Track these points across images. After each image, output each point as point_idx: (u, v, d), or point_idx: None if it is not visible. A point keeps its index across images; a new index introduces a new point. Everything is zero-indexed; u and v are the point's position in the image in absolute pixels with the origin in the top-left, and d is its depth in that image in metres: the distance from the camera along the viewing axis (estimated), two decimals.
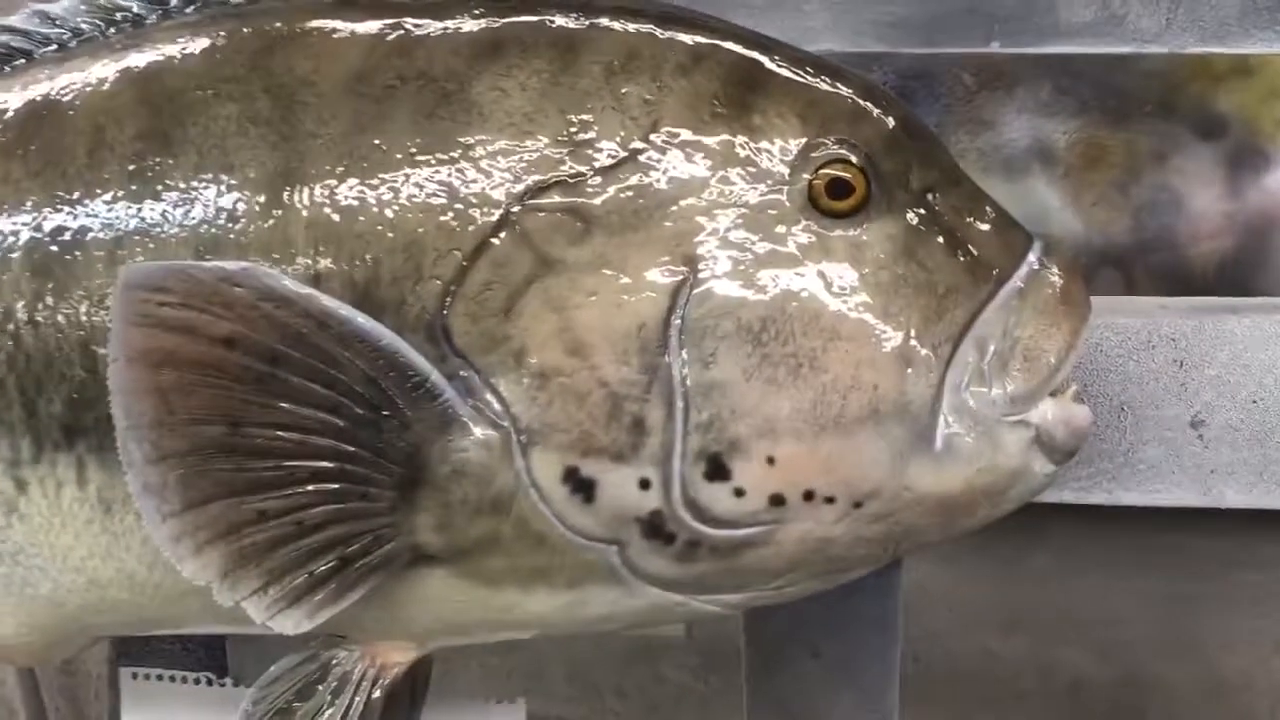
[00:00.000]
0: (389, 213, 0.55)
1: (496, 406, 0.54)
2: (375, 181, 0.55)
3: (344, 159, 0.55)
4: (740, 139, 0.56)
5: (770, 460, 0.54)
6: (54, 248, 0.57)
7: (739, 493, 0.54)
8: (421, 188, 0.55)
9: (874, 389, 0.54)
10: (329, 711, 0.60)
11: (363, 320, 0.52)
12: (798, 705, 0.87)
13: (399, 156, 0.55)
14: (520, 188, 0.54)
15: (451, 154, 0.55)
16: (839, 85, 0.58)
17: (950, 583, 0.96)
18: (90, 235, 0.56)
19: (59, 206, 0.57)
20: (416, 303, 0.54)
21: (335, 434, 0.52)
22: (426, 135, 0.55)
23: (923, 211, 0.57)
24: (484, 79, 0.56)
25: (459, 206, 0.54)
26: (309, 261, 0.54)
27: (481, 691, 1.05)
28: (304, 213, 0.55)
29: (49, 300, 0.56)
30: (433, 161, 0.55)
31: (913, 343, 0.55)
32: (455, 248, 0.54)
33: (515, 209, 0.54)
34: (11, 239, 0.57)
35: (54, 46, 0.62)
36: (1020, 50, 0.73)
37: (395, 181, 0.55)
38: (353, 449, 0.53)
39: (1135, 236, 1.03)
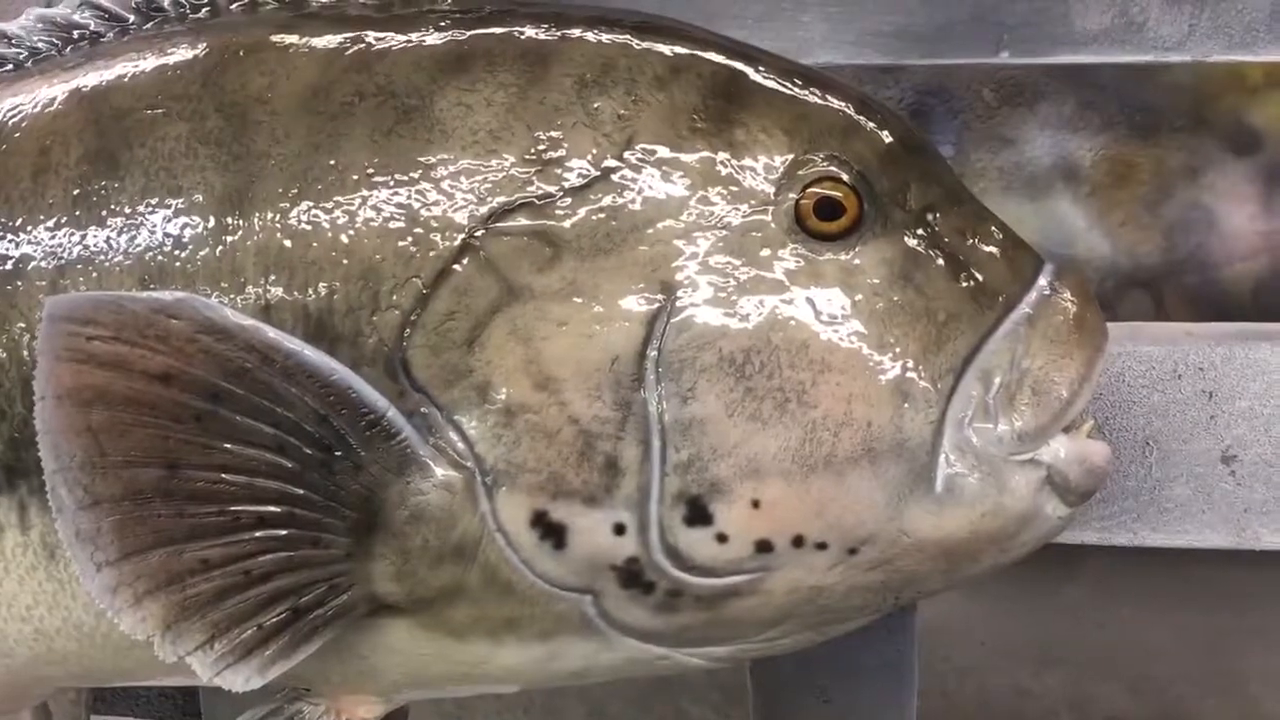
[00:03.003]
0: (344, 238, 0.51)
1: (459, 445, 0.50)
2: (330, 205, 0.51)
3: (297, 181, 0.52)
4: (721, 156, 0.52)
5: (755, 503, 0.50)
6: None
7: (722, 538, 0.50)
8: (379, 211, 0.51)
9: (868, 425, 0.50)
10: None
11: (311, 353, 0.48)
12: None
13: (355, 178, 0.52)
14: (484, 210, 0.51)
15: (411, 174, 0.51)
16: (830, 98, 0.54)
17: (979, 615, 0.92)
18: (32, 264, 0.53)
19: (1, 233, 0.54)
20: (374, 334, 0.50)
21: (283, 476, 0.49)
22: (385, 155, 0.52)
23: (922, 232, 0.53)
24: (447, 94, 0.52)
25: (419, 231, 0.51)
26: (259, 291, 0.51)
27: None
28: (254, 238, 0.51)
29: None
30: (391, 183, 0.51)
31: (910, 375, 0.50)
32: (414, 275, 0.50)
33: (479, 233, 0.51)
34: None
35: (9, 66, 0.60)
36: (1032, 60, 0.68)
37: (351, 204, 0.51)
38: (302, 492, 0.49)
39: (1166, 258, 0.98)
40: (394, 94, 0.53)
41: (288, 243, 0.51)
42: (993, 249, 0.53)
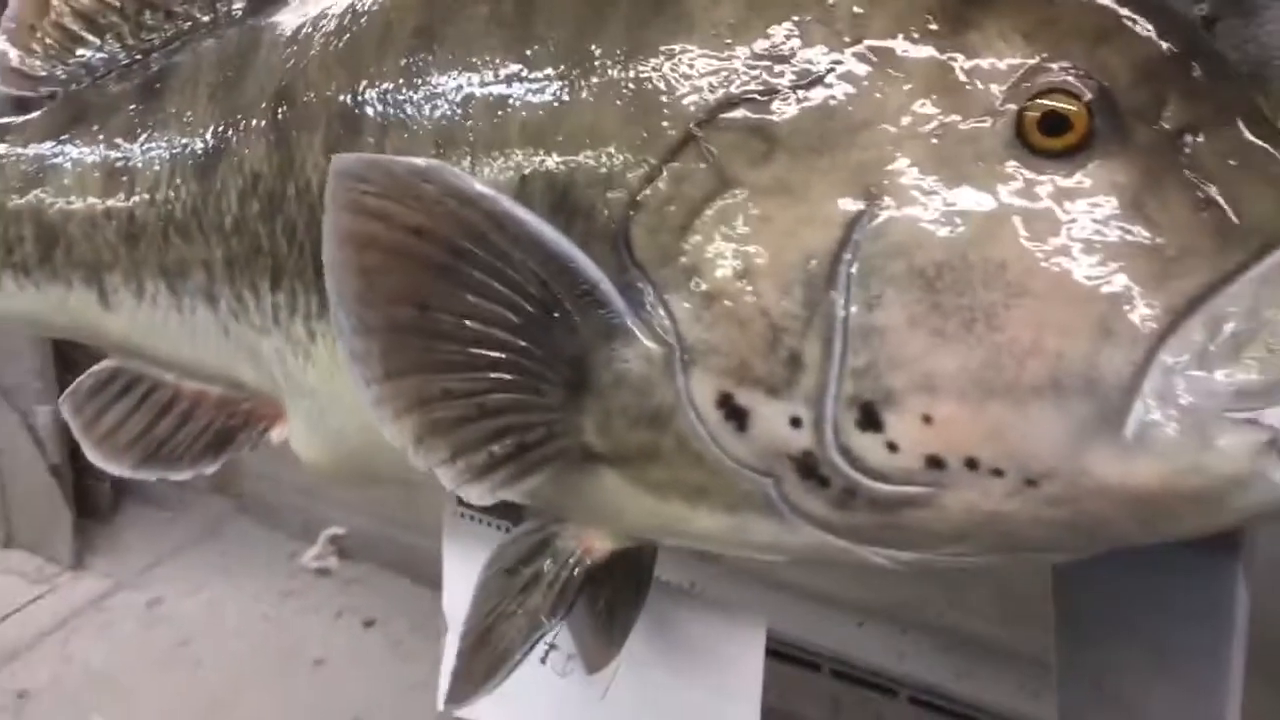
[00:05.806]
0: (589, 119, 0.56)
1: (665, 322, 0.54)
2: (583, 88, 0.56)
3: (562, 63, 0.57)
4: (951, 59, 0.50)
5: (926, 418, 0.49)
6: (341, 131, 0.64)
7: (892, 447, 0.50)
8: (623, 96, 0.55)
9: (1058, 357, 0.47)
10: (543, 580, 0.64)
11: (536, 224, 0.54)
12: (1110, 683, 0.79)
13: (609, 63, 0.56)
14: (711, 102, 0.53)
15: (655, 63, 0.55)
16: None
17: None
18: (367, 122, 0.63)
19: (351, 93, 0.64)
20: (605, 209, 0.55)
21: (510, 328, 0.55)
22: (636, 43, 0.55)
23: (1170, 156, 0.47)
24: None
25: (652, 119, 0.54)
26: (519, 161, 0.57)
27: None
28: (522, 115, 0.57)
29: None
30: (637, 70, 0.55)
31: (1118, 311, 0.47)
32: (645, 158, 0.54)
33: (704, 124, 0.53)
34: (316, 120, 0.66)
35: None
36: None
37: (601, 88, 0.56)
38: (525, 344, 0.55)
39: None
40: None
41: (546, 120, 0.57)
42: (1266, 184, 0.47)
